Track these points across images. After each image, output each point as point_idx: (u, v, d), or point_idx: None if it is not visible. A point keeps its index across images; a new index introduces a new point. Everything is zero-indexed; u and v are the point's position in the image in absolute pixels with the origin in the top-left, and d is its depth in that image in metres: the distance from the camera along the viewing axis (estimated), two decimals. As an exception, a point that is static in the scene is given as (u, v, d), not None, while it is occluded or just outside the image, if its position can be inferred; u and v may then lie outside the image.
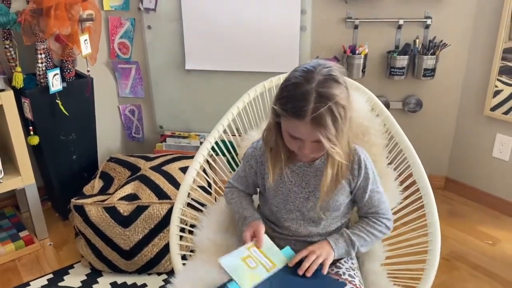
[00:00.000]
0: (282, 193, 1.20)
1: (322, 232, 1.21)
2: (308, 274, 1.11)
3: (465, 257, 2.07)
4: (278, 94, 1.07)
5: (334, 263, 1.21)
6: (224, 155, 1.61)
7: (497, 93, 2.24)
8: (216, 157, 1.57)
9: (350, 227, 1.26)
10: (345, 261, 1.23)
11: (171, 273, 1.21)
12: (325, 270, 1.13)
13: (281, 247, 1.20)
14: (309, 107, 0.99)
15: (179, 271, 1.23)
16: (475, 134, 2.40)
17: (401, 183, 1.40)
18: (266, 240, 1.20)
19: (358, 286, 1.15)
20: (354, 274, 1.19)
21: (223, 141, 1.57)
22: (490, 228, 2.27)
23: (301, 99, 1.00)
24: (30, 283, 1.94)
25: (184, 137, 2.55)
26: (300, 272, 1.12)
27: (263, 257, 1.16)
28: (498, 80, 2.21)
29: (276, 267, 1.15)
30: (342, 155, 1.06)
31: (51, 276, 1.98)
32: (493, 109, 2.27)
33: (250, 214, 1.25)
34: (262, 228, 1.21)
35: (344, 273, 1.17)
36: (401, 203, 1.38)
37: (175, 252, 1.28)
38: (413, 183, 1.36)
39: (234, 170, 1.68)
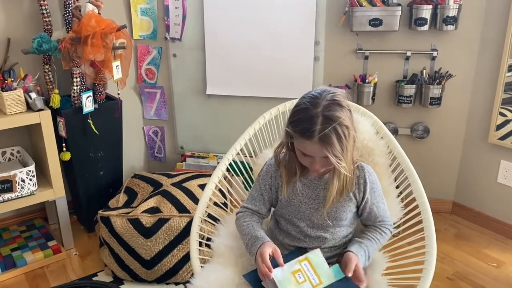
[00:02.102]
0: (294, 204, 1.33)
1: (330, 237, 1.34)
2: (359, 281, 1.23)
3: (469, 278, 2.15)
4: (289, 118, 1.22)
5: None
6: (242, 174, 1.75)
7: (506, 122, 2.35)
8: (233, 176, 1.72)
9: (359, 236, 1.37)
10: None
11: (188, 283, 1.33)
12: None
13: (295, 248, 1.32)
14: (316, 128, 1.14)
15: (197, 273, 1.36)
16: (480, 160, 2.51)
17: (402, 200, 1.53)
18: (318, 255, 1.26)
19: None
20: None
21: (242, 162, 1.72)
22: (494, 251, 2.34)
23: (309, 122, 1.15)
24: (57, 288, 2.09)
25: (203, 157, 2.71)
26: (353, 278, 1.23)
27: (313, 272, 1.24)
28: (507, 109, 2.33)
29: (322, 285, 1.21)
30: (347, 169, 1.21)
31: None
32: (502, 138, 2.36)
33: (262, 236, 1.32)
34: (278, 249, 1.28)
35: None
36: (402, 218, 1.51)
37: (194, 256, 1.41)
38: (413, 200, 1.49)
39: (249, 188, 1.82)
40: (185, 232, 1.99)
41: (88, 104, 2.23)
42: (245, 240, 1.33)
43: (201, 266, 1.39)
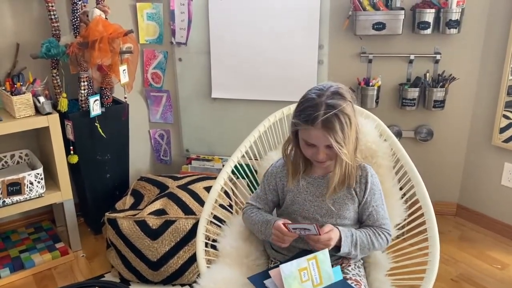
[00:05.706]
0: (298, 202, 1.36)
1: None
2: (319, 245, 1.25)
3: (473, 280, 2.15)
4: (295, 109, 1.29)
5: (342, 270, 1.34)
6: (247, 177, 1.77)
7: (510, 125, 2.35)
8: (237, 180, 1.74)
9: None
10: (352, 268, 1.37)
11: (194, 283, 1.35)
12: (319, 248, 1.25)
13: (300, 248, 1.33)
14: (320, 113, 1.20)
15: (204, 273, 1.38)
16: (484, 163, 2.52)
17: (406, 201, 1.54)
18: (326, 254, 1.26)
19: (363, 289, 1.29)
20: (360, 279, 1.33)
21: (247, 165, 1.74)
22: (499, 253, 2.35)
23: (314, 109, 1.22)
24: (65, 289, 2.12)
25: (208, 160, 2.74)
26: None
27: (317, 271, 1.25)
28: (511, 112, 2.34)
29: (322, 285, 1.25)
30: (348, 156, 1.25)
31: (84, 284, 2.15)
32: (506, 140, 2.37)
33: (272, 217, 1.38)
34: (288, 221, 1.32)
35: (351, 278, 1.31)
36: (405, 219, 1.52)
37: (201, 256, 1.43)
38: (416, 201, 1.50)
39: (254, 191, 1.84)
40: (191, 233, 2.02)
41: (95, 107, 2.26)
42: (258, 227, 1.38)
43: (207, 267, 1.41)
